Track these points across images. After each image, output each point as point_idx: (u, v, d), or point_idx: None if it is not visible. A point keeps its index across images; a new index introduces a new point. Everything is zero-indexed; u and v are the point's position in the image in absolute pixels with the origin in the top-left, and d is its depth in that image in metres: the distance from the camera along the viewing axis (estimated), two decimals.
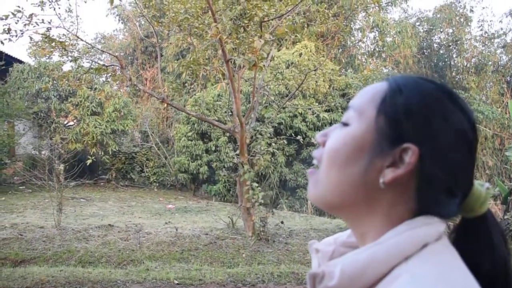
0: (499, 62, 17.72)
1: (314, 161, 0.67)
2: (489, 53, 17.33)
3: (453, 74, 18.45)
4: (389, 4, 17.58)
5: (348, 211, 0.64)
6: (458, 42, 17.94)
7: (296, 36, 8.48)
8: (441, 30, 18.92)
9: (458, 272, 0.55)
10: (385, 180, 0.59)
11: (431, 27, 19.25)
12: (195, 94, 13.09)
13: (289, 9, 6.16)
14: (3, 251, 5.78)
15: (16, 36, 5.96)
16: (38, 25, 6.07)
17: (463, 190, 0.61)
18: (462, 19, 18.18)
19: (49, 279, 4.75)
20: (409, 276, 0.53)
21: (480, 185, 0.64)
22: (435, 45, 19.79)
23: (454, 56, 18.79)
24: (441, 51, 19.50)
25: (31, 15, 5.96)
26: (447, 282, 0.52)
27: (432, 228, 0.58)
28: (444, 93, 0.61)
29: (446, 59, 19.13)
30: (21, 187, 12.24)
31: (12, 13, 5.82)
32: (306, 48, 12.60)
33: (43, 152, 13.25)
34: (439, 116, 0.59)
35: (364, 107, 0.63)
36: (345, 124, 0.64)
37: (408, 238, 0.57)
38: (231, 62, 6.16)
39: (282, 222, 7.15)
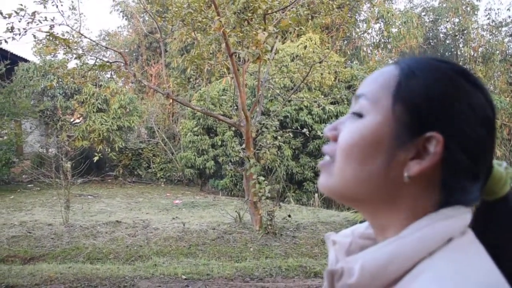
0: (507, 51, 17.49)
1: (326, 157, 0.62)
2: (496, 42, 17.08)
3: (460, 64, 18.21)
4: None
5: (365, 204, 0.60)
6: (465, 32, 17.72)
7: (300, 28, 8.43)
8: (447, 19, 18.70)
9: (485, 269, 0.51)
10: (410, 173, 0.55)
11: (437, 17, 19.03)
12: (200, 89, 13.08)
13: (293, 1, 6.10)
14: (12, 248, 5.82)
15: (20, 34, 5.96)
16: (41, 23, 6.07)
17: (485, 173, 0.58)
18: (468, 8, 17.94)
19: (58, 276, 4.77)
20: (432, 273, 0.50)
21: (499, 165, 0.60)
22: (441, 35, 19.58)
23: (461, 45, 18.59)
24: (448, 41, 19.30)
25: (34, 13, 5.96)
26: (472, 280, 0.49)
27: (457, 221, 0.54)
28: (459, 72, 0.58)
29: (453, 49, 18.93)
30: (29, 185, 12.34)
31: (15, 12, 5.82)
32: (311, 41, 12.51)
33: (50, 150, 13.36)
34: (460, 98, 0.55)
35: (378, 95, 0.58)
36: (359, 115, 0.58)
37: (432, 232, 0.53)
38: (235, 56, 6.13)
39: (289, 216, 7.12)
